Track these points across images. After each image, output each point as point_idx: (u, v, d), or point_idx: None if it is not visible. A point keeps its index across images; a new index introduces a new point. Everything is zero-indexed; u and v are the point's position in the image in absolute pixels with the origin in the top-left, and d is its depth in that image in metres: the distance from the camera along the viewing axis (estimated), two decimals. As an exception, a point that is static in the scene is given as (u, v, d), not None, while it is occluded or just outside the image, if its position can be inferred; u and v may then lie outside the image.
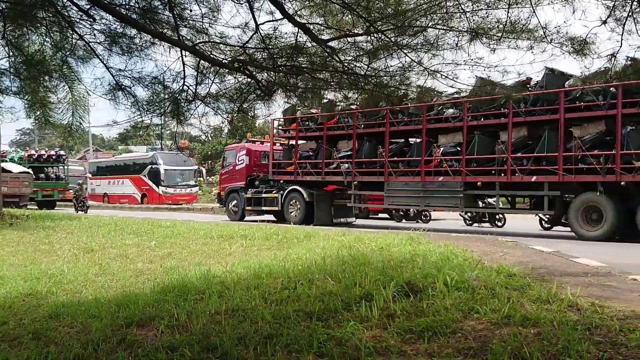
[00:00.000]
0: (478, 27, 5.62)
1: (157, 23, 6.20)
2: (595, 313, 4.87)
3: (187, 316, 5.55)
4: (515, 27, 5.44)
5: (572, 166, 13.62)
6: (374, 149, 17.89)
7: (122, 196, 39.67)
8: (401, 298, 5.56)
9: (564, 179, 13.71)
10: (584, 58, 5.52)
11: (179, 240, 13.04)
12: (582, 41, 5.42)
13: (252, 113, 7.44)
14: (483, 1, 5.46)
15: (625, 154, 12.75)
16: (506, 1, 5.21)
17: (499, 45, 5.67)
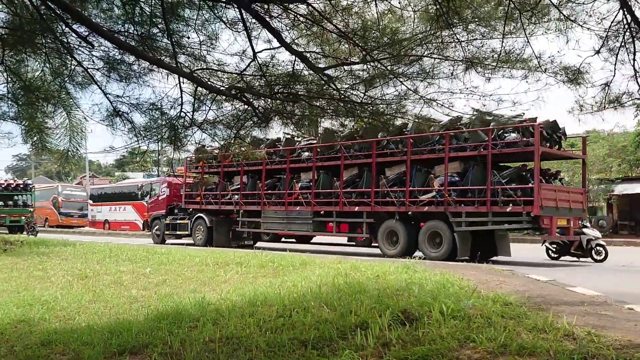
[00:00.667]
0: (473, 56, 5.70)
1: (156, 50, 6.25)
2: (592, 342, 4.84)
3: (180, 344, 5.50)
4: (510, 56, 5.52)
5: (380, 199, 17.48)
6: (255, 183, 21.59)
7: (124, 223, 38.60)
8: (397, 326, 5.52)
9: (375, 209, 17.62)
10: (578, 87, 5.59)
11: (173, 267, 12.95)
12: (576, 70, 5.49)
13: (248, 140, 7.46)
14: (478, 31, 5.55)
15: (412, 190, 16.64)
16: (500, 31, 5.29)
17: (494, 75, 5.75)
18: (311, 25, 5.95)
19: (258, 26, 5.88)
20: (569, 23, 5.19)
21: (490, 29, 5.46)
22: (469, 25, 5.47)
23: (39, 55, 6.38)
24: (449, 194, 15.61)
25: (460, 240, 15.57)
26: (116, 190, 42.08)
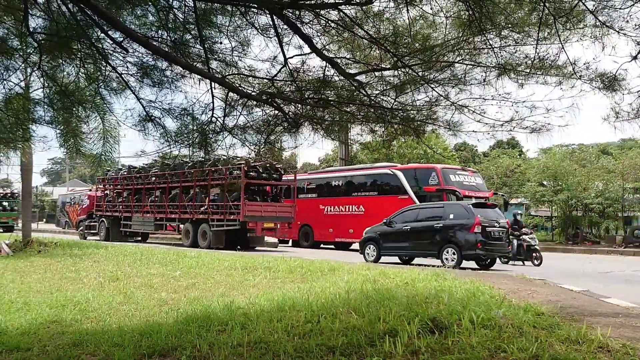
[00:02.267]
0: (506, 62, 5.63)
1: (188, 56, 6.32)
2: (627, 355, 4.74)
3: (209, 347, 5.53)
4: (544, 63, 5.44)
5: (181, 210, 25.99)
6: (129, 196, 30.29)
7: None
8: (426, 334, 5.47)
9: (180, 216, 26.27)
10: (614, 94, 5.47)
11: (203, 271, 13.05)
12: (612, 77, 5.38)
13: (278, 145, 7.48)
14: (511, 37, 5.47)
15: (195, 204, 25.44)
16: (534, 37, 5.21)
17: (527, 81, 5.67)
18: (342, 31, 5.95)
19: (289, 32, 5.89)
20: (605, 29, 5.09)
21: (523, 35, 5.38)
22: (502, 31, 5.40)
23: (74, 60, 6.48)
24: (211, 207, 24.33)
25: (215, 236, 23.85)
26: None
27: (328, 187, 27.00)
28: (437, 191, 21.30)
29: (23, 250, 20.16)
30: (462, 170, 23.29)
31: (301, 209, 26.73)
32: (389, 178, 24.03)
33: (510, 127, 6.17)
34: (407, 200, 22.22)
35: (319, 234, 26.62)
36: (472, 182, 22.49)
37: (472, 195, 21.51)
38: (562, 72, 5.47)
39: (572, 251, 24.46)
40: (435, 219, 16.53)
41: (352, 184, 26.01)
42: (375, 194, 24.49)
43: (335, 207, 26.09)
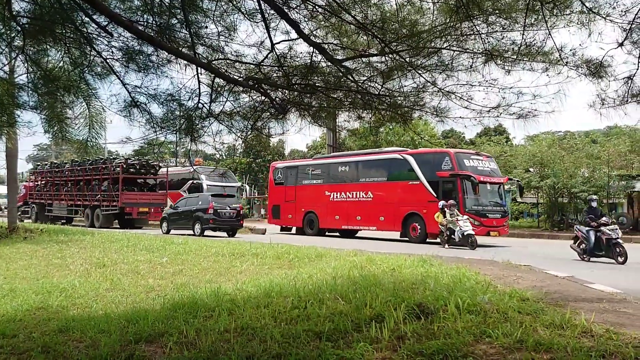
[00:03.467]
0: (493, 48, 5.62)
1: (174, 41, 6.25)
2: (610, 340, 4.79)
3: (196, 333, 5.53)
4: (531, 49, 5.43)
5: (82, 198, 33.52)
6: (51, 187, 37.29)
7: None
8: (412, 320, 5.51)
9: (77, 202, 33.92)
10: (600, 80, 5.48)
11: (190, 257, 13.05)
12: (598, 64, 5.39)
13: (266, 131, 7.44)
14: (498, 23, 5.46)
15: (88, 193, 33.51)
16: (521, 23, 5.20)
17: (514, 67, 5.66)
18: (329, 16, 5.91)
19: (276, 17, 5.84)
20: (592, 15, 5.08)
21: (511, 21, 5.36)
22: (489, 17, 5.38)
23: (59, 45, 6.40)
24: (102, 196, 31.53)
25: (105, 218, 31.21)
26: None
27: (334, 173, 25.88)
28: (450, 176, 20.54)
29: (8, 237, 20.04)
30: (477, 155, 22.20)
31: (305, 195, 26.40)
32: (399, 163, 22.89)
33: (497, 114, 6.17)
34: (418, 186, 21.70)
35: (324, 221, 25.71)
36: (486, 167, 21.51)
37: (486, 180, 20.89)
38: (549, 58, 5.47)
39: (557, 237, 24.65)
40: (193, 204, 24.61)
41: (360, 169, 24.77)
42: (385, 180, 23.41)
43: (342, 194, 25.02)
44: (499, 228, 20.95)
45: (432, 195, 21.01)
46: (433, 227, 20.18)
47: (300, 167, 27.66)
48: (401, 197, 22.36)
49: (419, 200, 21.53)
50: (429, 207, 20.80)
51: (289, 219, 27.32)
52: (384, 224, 23.08)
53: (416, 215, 21.64)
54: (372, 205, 23.46)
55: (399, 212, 22.20)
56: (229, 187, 35.24)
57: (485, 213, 20.55)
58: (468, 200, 20.24)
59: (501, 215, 21.32)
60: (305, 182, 26.83)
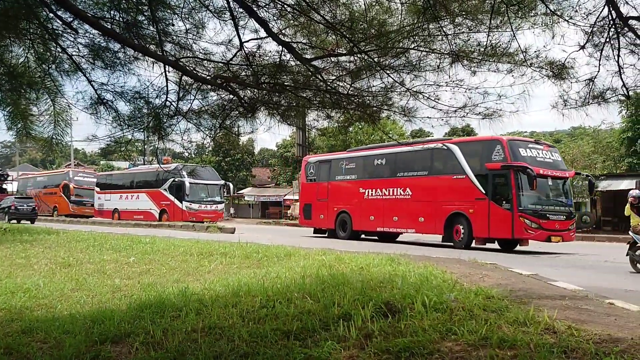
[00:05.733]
0: (459, 49, 5.69)
1: (141, 38, 6.19)
2: (572, 336, 4.89)
3: (162, 333, 5.49)
4: (496, 50, 5.52)
5: None
6: None
7: (137, 212, 36.05)
8: (379, 318, 5.55)
9: None
10: (563, 82, 5.60)
11: (157, 257, 12.92)
12: (561, 65, 5.50)
13: (235, 130, 7.41)
14: (464, 24, 5.54)
15: None
16: (487, 25, 5.29)
17: (480, 68, 5.75)
18: (298, 15, 5.91)
19: (245, 15, 5.83)
20: (555, 18, 5.19)
21: (477, 23, 5.44)
22: (455, 18, 5.45)
23: (23, 41, 6.29)
24: None
25: None
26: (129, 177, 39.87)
27: (369, 167, 22.58)
28: (502, 169, 17.15)
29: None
30: (535, 144, 18.51)
31: (338, 193, 23.58)
32: (442, 154, 19.57)
33: (464, 114, 6.26)
34: (463, 180, 18.31)
35: (358, 222, 22.50)
36: (547, 158, 17.86)
37: (547, 174, 17.34)
38: (514, 59, 5.56)
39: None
40: (6, 203, 35.65)
41: (397, 162, 21.42)
42: (425, 174, 20.08)
43: (377, 191, 21.75)
44: (563, 232, 17.42)
45: (479, 192, 17.79)
46: (480, 229, 17.67)
47: (334, 161, 24.52)
48: (444, 194, 19.16)
49: (464, 198, 18.33)
50: (476, 206, 17.83)
51: (320, 219, 24.42)
52: (424, 225, 19.91)
53: (461, 215, 18.36)
54: (410, 203, 20.39)
55: (442, 211, 18.99)
56: (212, 185, 34.56)
57: (545, 214, 17.06)
58: (523, 197, 16.85)
59: (566, 216, 17.69)
60: (338, 178, 23.87)
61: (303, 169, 26.00)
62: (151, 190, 35.51)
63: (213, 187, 35.06)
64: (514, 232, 16.88)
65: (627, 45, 5.27)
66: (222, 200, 36.21)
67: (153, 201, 35.49)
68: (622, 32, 5.14)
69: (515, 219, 16.76)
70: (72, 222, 35.41)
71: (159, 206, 34.93)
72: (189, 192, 32.98)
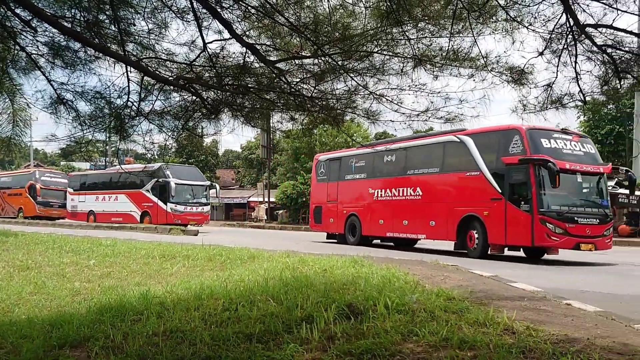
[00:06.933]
0: (422, 54, 5.77)
1: (103, 37, 6.10)
2: (530, 337, 4.98)
3: (123, 337, 5.41)
4: (458, 55, 5.61)
5: None
6: None
7: (115, 214, 33.95)
8: (342, 320, 5.56)
9: None
10: (522, 87, 5.72)
11: (119, 260, 12.74)
12: (521, 71, 5.62)
13: (199, 131, 7.37)
14: (427, 29, 5.61)
15: None
16: (449, 30, 5.36)
17: (442, 73, 5.84)
18: (263, 17, 5.91)
19: (209, 16, 5.79)
20: (515, 24, 5.31)
21: (439, 28, 5.53)
22: (418, 23, 5.52)
23: (-21, 38, 6.14)
24: None
25: None
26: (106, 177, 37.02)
27: (379, 165, 20.20)
28: (520, 163, 14.46)
29: None
30: (563, 134, 15.21)
31: (348, 194, 21.44)
32: (454, 148, 16.94)
33: (426, 117, 6.34)
34: (478, 178, 15.72)
35: (367, 226, 20.16)
36: (576, 150, 15.00)
37: (575, 169, 14.54)
38: (475, 64, 5.66)
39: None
40: None
41: (407, 158, 18.98)
42: (436, 171, 17.56)
43: (386, 191, 19.44)
44: (596, 239, 14.48)
45: (495, 191, 15.18)
46: (496, 235, 15.07)
47: (344, 159, 22.12)
48: (456, 195, 16.77)
49: (478, 199, 15.76)
50: (492, 208, 15.21)
51: (330, 223, 22.14)
52: (435, 230, 17.43)
53: (475, 219, 15.80)
54: (420, 205, 17.99)
55: (454, 214, 16.50)
56: (197, 186, 33.01)
57: (573, 217, 14.28)
58: (545, 197, 14.16)
59: (600, 220, 14.70)
60: (348, 177, 21.55)
61: (314, 168, 24.07)
62: (132, 191, 33.46)
63: (199, 188, 33.32)
64: (534, 238, 14.19)
65: (584, 52, 5.42)
66: (208, 202, 34.52)
67: (134, 203, 33.48)
68: (580, 39, 5.28)
69: (535, 222, 14.11)
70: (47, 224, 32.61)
71: (140, 208, 33.04)
72: (175, 193, 31.16)
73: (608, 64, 5.43)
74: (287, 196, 40.73)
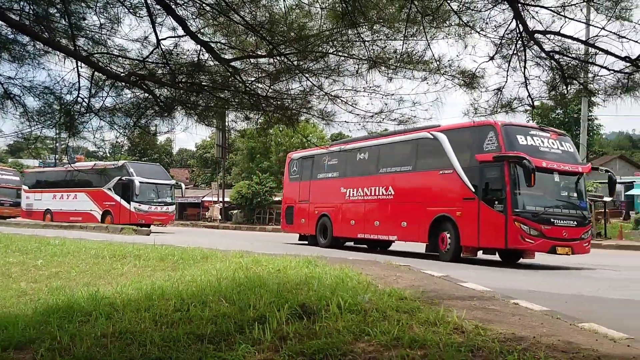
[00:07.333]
0: (377, 56, 5.81)
1: (52, 31, 5.95)
2: (479, 335, 5.07)
3: (70, 339, 5.27)
4: (412, 58, 5.68)
5: None
6: None
7: (74, 214, 32.63)
8: (295, 320, 5.56)
9: None
10: (473, 91, 5.84)
11: (67, 259, 12.45)
12: (472, 75, 5.73)
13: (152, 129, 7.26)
14: (382, 32, 5.66)
15: None
16: (403, 33, 5.42)
17: (396, 75, 5.90)
18: (218, 15, 5.86)
19: (162, 13, 5.72)
20: (468, 29, 5.40)
21: (394, 31, 5.58)
22: (373, 25, 5.57)
23: None
24: None
25: None
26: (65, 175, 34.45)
27: (352, 163, 19.62)
28: (494, 160, 13.90)
29: None
30: (540, 131, 14.91)
31: (320, 193, 20.75)
32: (428, 145, 16.29)
33: (380, 119, 6.40)
34: (451, 176, 15.19)
35: (338, 227, 19.52)
36: (554, 148, 14.51)
37: (552, 167, 14.04)
38: (429, 67, 5.74)
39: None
40: None
41: (380, 156, 18.35)
42: (409, 169, 16.97)
43: (358, 190, 18.85)
44: (574, 242, 13.96)
45: (468, 190, 14.60)
46: (469, 237, 14.48)
47: (317, 157, 21.31)
48: (429, 194, 16.12)
49: (451, 198, 15.23)
50: (465, 208, 14.63)
51: (301, 224, 21.49)
52: (407, 231, 16.78)
53: (447, 220, 15.21)
54: (392, 205, 17.41)
55: (426, 215, 15.87)
56: (162, 185, 32.04)
57: (549, 218, 13.74)
58: (520, 197, 13.62)
59: (578, 222, 14.21)
60: (320, 176, 20.95)
61: (287, 167, 23.35)
62: (92, 189, 32.13)
63: (164, 187, 32.27)
64: (508, 240, 13.61)
65: (533, 58, 5.56)
66: (173, 202, 33.52)
67: (94, 201, 32.25)
68: (529, 45, 5.41)
69: (509, 223, 13.52)
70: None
71: (101, 207, 31.79)
72: (139, 192, 30.09)
73: (556, 70, 5.59)
74: (242, 196, 40.53)
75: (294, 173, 22.52)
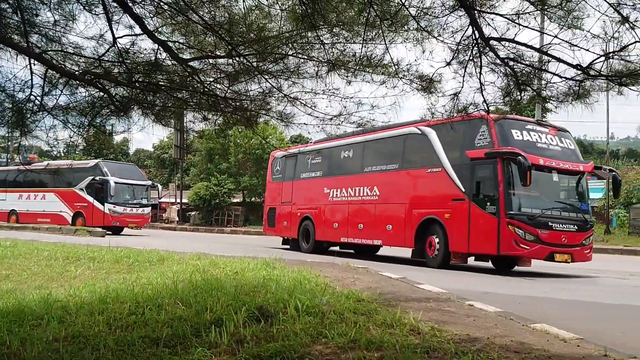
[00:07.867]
0: (336, 59, 5.83)
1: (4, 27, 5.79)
2: (434, 337, 5.13)
3: (21, 343, 5.13)
4: (371, 61, 5.71)
5: None
6: None
7: (42, 215, 31.27)
8: (252, 323, 5.53)
9: None
10: (431, 95, 5.91)
11: (18, 261, 12.12)
12: (430, 80, 5.80)
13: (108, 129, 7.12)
14: (342, 35, 5.68)
15: None
16: (362, 37, 5.45)
17: (355, 78, 5.92)
18: (176, 14, 5.79)
19: (119, 10, 5.62)
20: (426, 34, 5.46)
21: (353, 34, 5.61)
22: (333, 28, 5.59)
23: None
24: None
25: None
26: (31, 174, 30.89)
27: (336, 161, 18.44)
28: (487, 157, 12.75)
29: None
30: (537, 125, 13.65)
31: (302, 194, 19.70)
32: (416, 141, 15.16)
33: (339, 122, 6.41)
34: (439, 175, 14.09)
35: (321, 231, 18.33)
36: (553, 144, 13.30)
37: (552, 165, 12.83)
38: (387, 71, 5.79)
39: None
40: None
41: (365, 154, 17.22)
42: (395, 168, 15.81)
43: (341, 191, 17.63)
44: (573, 249, 12.76)
45: (458, 190, 13.48)
46: (458, 241, 13.34)
47: (300, 155, 20.10)
48: (416, 194, 15.05)
49: (440, 199, 14.10)
50: (454, 209, 13.55)
51: (284, 227, 20.36)
52: (392, 235, 15.69)
53: (435, 222, 14.10)
54: (377, 207, 16.27)
55: (412, 217, 14.84)
56: (138, 186, 30.84)
57: (547, 222, 12.56)
58: (514, 198, 12.47)
59: (578, 227, 12.99)
60: (303, 175, 19.76)
61: (270, 166, 22.19)
62: (63, 189, 30.51)
63: (140, 187, 31.07)
64: (500, 245, 12.43)
65: (488, 64, 5.65)
66: (149, 203, 32.16)
67: (65, 202, 30.79)
68: (484, 51, 5.50)
69: (502, 227, 12.35)
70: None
71: (72, 208, 30.37)
72: (114, 193, 28.94)
73: (510, 76, 5.69)
74: (200, 197, 40.16)
75: (277, 172, 21.45)
